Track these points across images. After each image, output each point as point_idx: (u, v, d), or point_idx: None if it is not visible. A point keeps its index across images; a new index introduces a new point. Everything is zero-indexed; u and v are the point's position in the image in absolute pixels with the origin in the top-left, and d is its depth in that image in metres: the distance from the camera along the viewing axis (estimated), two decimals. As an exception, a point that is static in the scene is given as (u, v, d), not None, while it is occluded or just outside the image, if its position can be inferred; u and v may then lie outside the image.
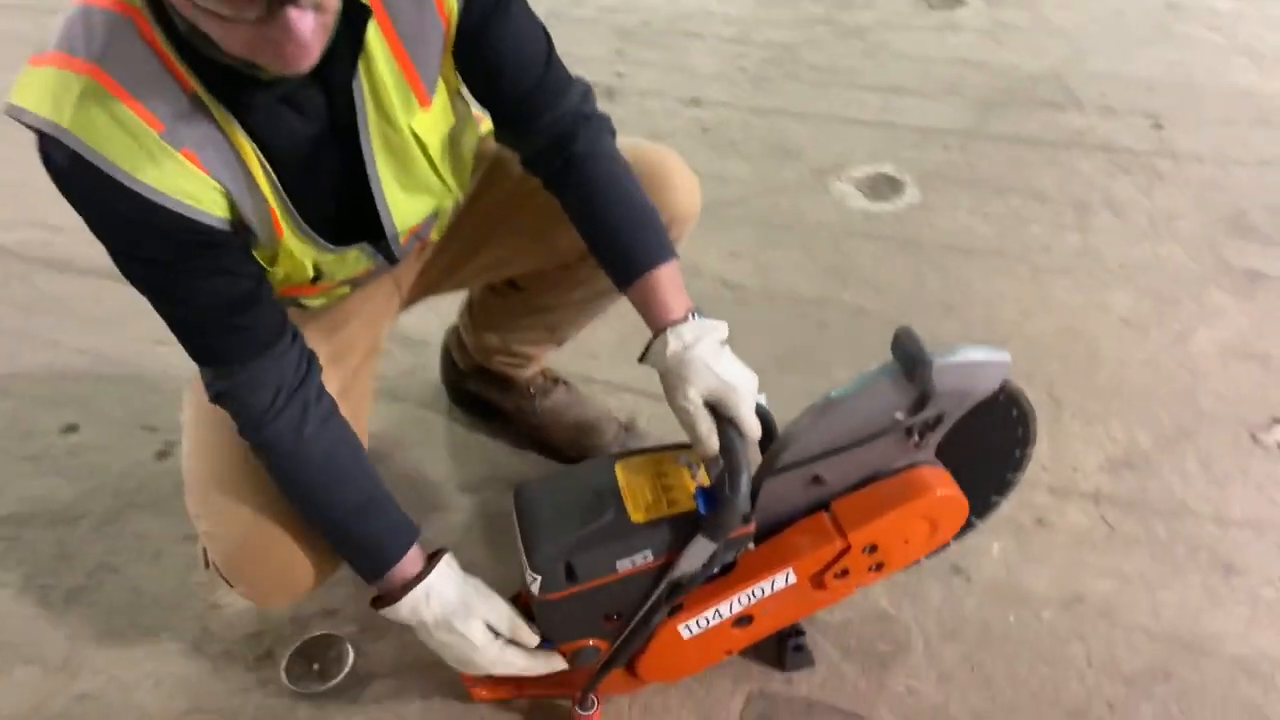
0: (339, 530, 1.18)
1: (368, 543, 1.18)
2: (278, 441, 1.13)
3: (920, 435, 1.23)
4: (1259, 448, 1.66)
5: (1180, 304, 1.93)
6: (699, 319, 1.20)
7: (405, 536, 1.19)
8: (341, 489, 1.17)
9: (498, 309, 1.59)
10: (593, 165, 1.20)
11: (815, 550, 1.23)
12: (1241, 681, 1.35)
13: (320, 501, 1.17)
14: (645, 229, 1.21)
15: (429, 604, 1.18)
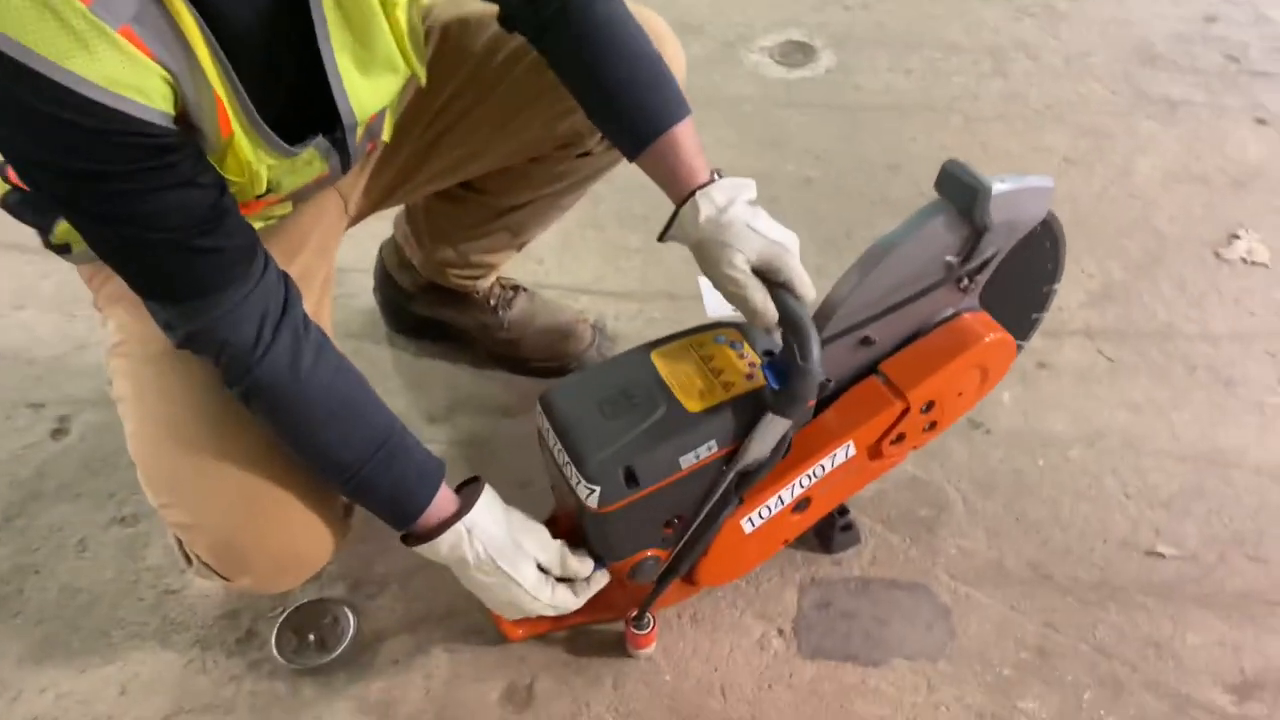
0: (358, 478, 0.99)
1: (393, 488, 1.01)
2: (274, 382, 0.93)
3: (970, 280, 1.14)
4: (1224, 263, 1.67)
5: (1115, 137, 1.92)
6: (725, 177, 1.06)
7: (433, 475, 1.03)
8: (354, 429, 0.98)
9: (452, 217, 1.40)
10: (592, 9, 1.03)
11: (875, 417, 1.13)
12: (1269, 487, 1.35)
13: (332, 448, 0.98)
14: (659, 81, 1.05)
15: (472, 542, 1.02)
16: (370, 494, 1.01)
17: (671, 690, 1.17)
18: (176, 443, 1.03)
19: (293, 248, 1.13)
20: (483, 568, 1.03)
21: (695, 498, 1.06)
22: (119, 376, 1.07)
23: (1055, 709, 1.14)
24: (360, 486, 1.00)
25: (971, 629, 1.22)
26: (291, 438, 0.97)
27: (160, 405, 1.04)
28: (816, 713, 1.14)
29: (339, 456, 0.98)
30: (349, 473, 0.99)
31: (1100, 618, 1.22)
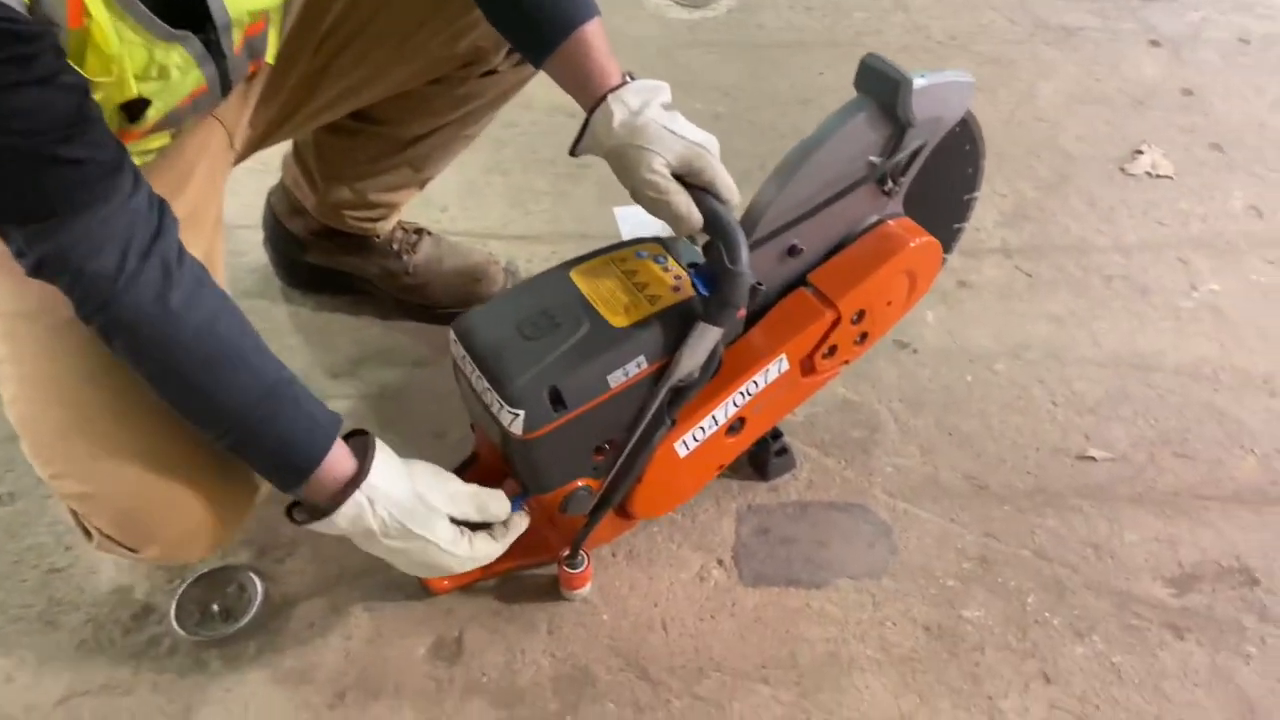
0: (239, 428, 0.89)
1: (280, 441, 0.90)
2: (137, 317, 0.82)
3: (893, 182, 1.11)
4: (1130, 178, 1.68)
5: (1016, 64, 1.93)
6: (638, 80, 1.00)
7: (326, 427, 0.92)
8: (234, 375, 0.88)
9: (346, 152, 1.30)
10: None
11: (807, 327, 1.08)
12: (1191, 386, 1.36)
13: (208, 395, 0.87)
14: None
15: (374, 510, 0.92)
16: (252, 444, 0.90)
17: (610, 629, 1.11)
18: (65, 405, 0.92)
19: (177, 183, 1.03)
20: (390, 534, 0.94)
21: (626, 420, 1.00)
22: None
23: (1000, 615, 1.12)
24: (242, 440, 0.89)
25: (912, 544, 1.19)
26: (160, 382, 0.87)
27: (43, 364, 0.93)
28: (762, 640, 1.10)
29: (216, 404, 0.87)
30: (227, 424, 0.88)
31: (1038, 524, 1.21)
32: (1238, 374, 1.37)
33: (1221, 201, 1.64)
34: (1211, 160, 1.71)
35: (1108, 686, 1.06)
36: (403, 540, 0.95)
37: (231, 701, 1.05)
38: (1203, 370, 1.38)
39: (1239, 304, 1.47)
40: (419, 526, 0.95)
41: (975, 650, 1.09)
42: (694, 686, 1.06)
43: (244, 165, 1.62)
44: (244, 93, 1.10)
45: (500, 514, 1.02)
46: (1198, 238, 1.57)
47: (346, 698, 1.05)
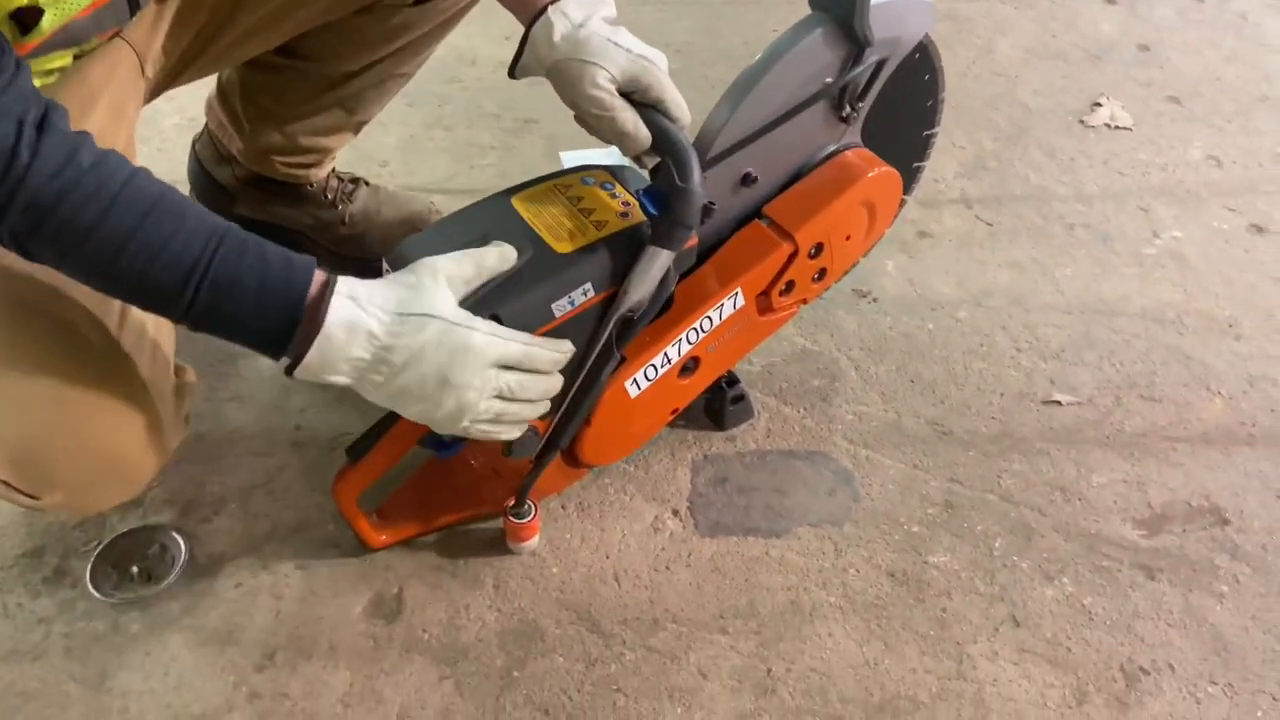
0: (207, 279, 0.74)
1: (260, 281, 0.76)
2: (57, 187, 0.71)
3: (851, 108, 1.06)
4: (1089, 130, 1.65)
5: (973, 20, 1.89)
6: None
7: (300, 260, 0.78)
8: (184, 217, 0.75)
9: (274, 92, 1.23)
10: None
11: (763, 260, 1.03)
12: (1155, 330, 1.33)
13: (161, 242, 0.73)
14: None
15: (365, 309, 0.77)
16: (228, 299, 0.75)
17: (560, 583, 1.05)
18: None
19: (78, 111, 0.94)
20: (394, 331, 0.78)
21: (574, 353, 0.94)
22: None
23: (967, 559, 1.07)
24: (214, 291, 0.74)
25: (875, 491, 1.14)
26: (99, 256, 0.74)
27: None
28: (719, 589, 1.04)
29: (174, 255, 0.73)
30: (194, 274, 0.73)
31: (1004, 468, 1.16)
32: (1202, 318, 1.34)
33: (1181, 152, 1.61)
34: (1170, 112, 1.69)
35: (1079, 629, 1.02)
36: (410, 333, 0.78)
37: (151, 665, 0.98)
38: (1166, 315, 1.35)
39: (1201, 250, 1.44)
40: (417, 305, 0.79)
41: (942, 595, 1.04)
42: (648, 639, 1.00)
43: (173, 120, 1.55)
44: (156, 15, 1.02)
45: (500, 261, 0.86)
46: (1158, 187, 1.55)
47: (276, 658, 0.98)
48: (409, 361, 0.79)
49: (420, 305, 0.79)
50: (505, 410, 0.86)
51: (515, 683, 0.97)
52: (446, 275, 0.82)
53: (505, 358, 0.83)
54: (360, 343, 0.78)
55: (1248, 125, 1.67)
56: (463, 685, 0.97)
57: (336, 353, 0.77)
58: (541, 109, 1.62)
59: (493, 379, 0.83)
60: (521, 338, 0.85)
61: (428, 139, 1.61)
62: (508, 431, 0.88)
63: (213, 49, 1.10)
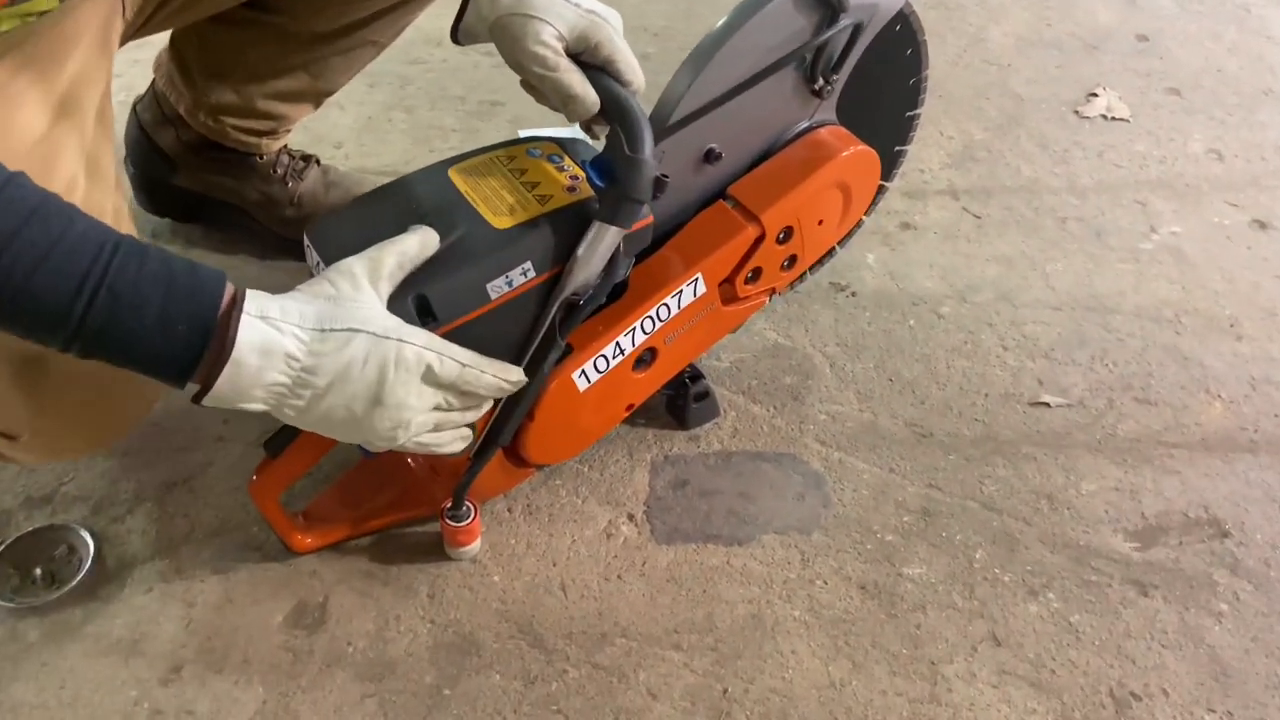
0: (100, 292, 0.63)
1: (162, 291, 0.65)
2: None
3: (824, 80, 0.98)
4: (1084, 120, 1.57)
5: (965, 8, 1.81)
6: None
7: (210, 273, 0.68)
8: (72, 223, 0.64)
9: (235, 46, 1.13)
10: None
11: (726, 243, 0.95)
12: (1152, 329, 1.25)
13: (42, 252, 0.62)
14: None
15: (279, 326, 0.68)
16: (126, 313, 0.64)
17: (501, 592, 0.96)
18: None
19: (57, 51, 0.85)
20: (315, 349, 0.69)
21: (513, 340, 0.85)
22: None
23: (944, 571, 0.99)
24: (110, 302, 0.63)
25: (847, 496, 1.05)
26: None
27: None
28: (675, 601, 0.96)
29: (61, 261, 0.62)
30: (87, 282, 0.63)
31: (987, 473, 1.08)
32: (1201, 317, 1.26)
33: (1181, 144, 1.53)
34: (1169, 104, 1.61)
35: (1064, 648, 0.93)
36: (334, 352, 0.70)
37: (46, 676, 0.89)
38: (1164, 313, 1.27)
39: (1201, 246, 1.36)
40: (340, 319, 0.70)
41: (916, 610, 0.96)
42: (594, 654, 0.92)
43: (119, 97, 1.46)
44: None
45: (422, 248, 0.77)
46: (1156, 180, 1.47)
47: (183, 672, 0.89)
48: (334, 383, 0.70)
49: (343, 318, 0.70)
50: (445, 419, 0.78)
51: (446, 701, 0.88)
52: (368, 277, 0.73)
53: (442, 376, 0.75)
54: (278, 366, 0.68)
55: (1250, 118, 1.59)
56: (388, 704, 0.88)
57: (250, 379, 0.68)
58: (507, 91, 1.54)
59: (430, 395, 0.75)
60: (462, 355, 0.77)
61: (387, 120, 1.52)
62: (450, 444, 0.80)
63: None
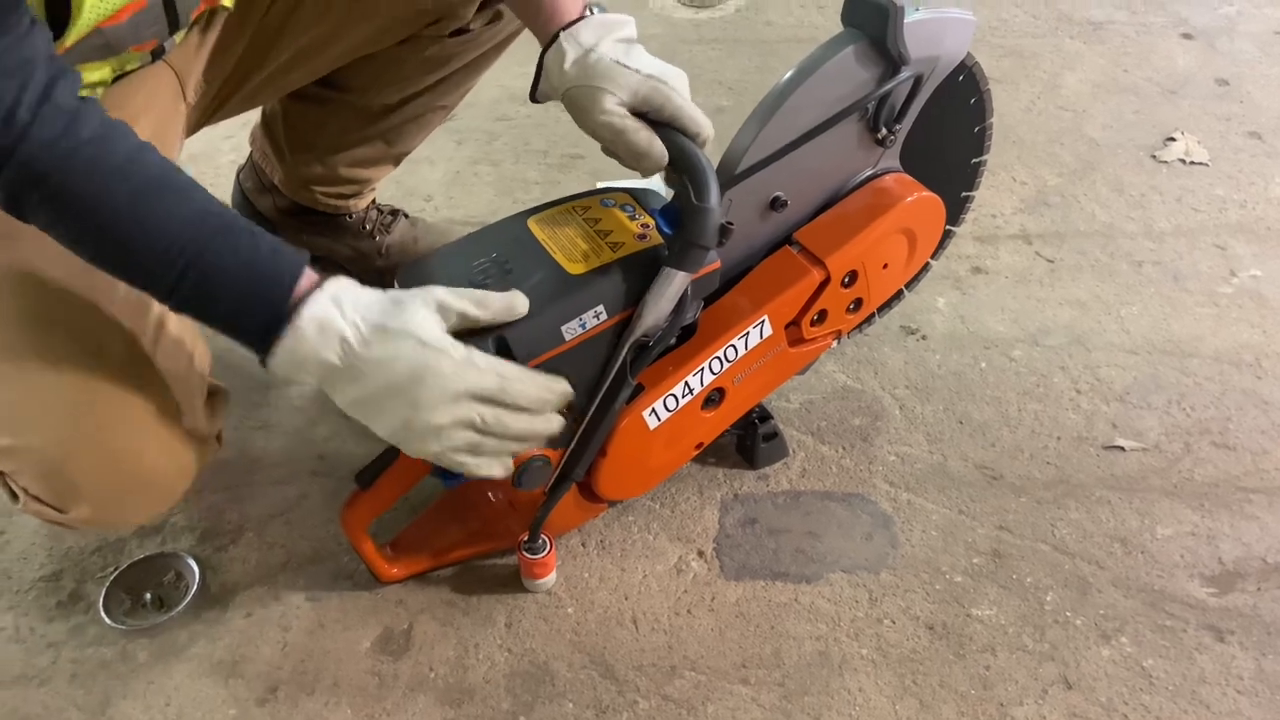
0: (196, 262, 0.74)
1: (248, 270, 0.75)
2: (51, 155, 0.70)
3: (887, 130, 1.01)
4: (1161, 165, 1.57)
5: (1039, 56, 1.83)
6: (598, 13, 0.92)
7: (292, 253, 0.77)
8: (180, 196, 0.75)
9: (315, 122, 1.23)
10: None
11: (791, 287, 0.99)
12: (1231, 373, 1.23)
13: (154, 221, 0.73)
14: None
15: (344, 313, 0.76)
16: (216, 285, 0.75)
17: (575, 624, 1.00)
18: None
19: (142, 107, 0.95)
20: (367, 341, 0.76)
21: (586, 380, 0.90)
22: None
23: (1015, 613, 0.99)
24: (202, 277, 0.74)
25: (916, 537, 1.07)
26: (90, 229, 0.73)
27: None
28: (743, 636, 0.98)
29: (164, 235, 0.73)
30: (182, 257, 0.73)
31: (1059, 516, 1.08)
32: (1283, 361, 1.25)
33: (1262, 188, 1.51)
34: (1250, 148, 1.59)
35: (1137, 693, 0.92)
36: (382, 346, 0.76)
37: (153, 695, 0.95)
38: (1243, 357, 1.25)
39: (1283, 290, 1.35)
40: (397, 320, 0.77)
41: (985, 652, 0.96)
42: (664, 686, 0.94)
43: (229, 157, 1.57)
44: (199, 42, 1.03)
45: (507, 311, 0.82)
46: (1237, 224, 1.45)
47: (279, 692, 0.95)
48: (374, 375, 0.77)
49: (400, 321, 0.77)
50: (481, 443, 0.82)
51: (520, 728, 0.92)
52: (439, 301, 0.79)
53: (478, 389, 0.79)
54: (332, 346, 0.76)
55: (1336, 161, 1.56)
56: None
57: (306, 352, 0.75)
58: (587, 145, 1.59)
59: (464, 410, 0.79)
60: (504, 369, 0.81)
61: (473, 174, 1.60)
62: (487, 466, 0.84)
63: (254, 79, 1.11)
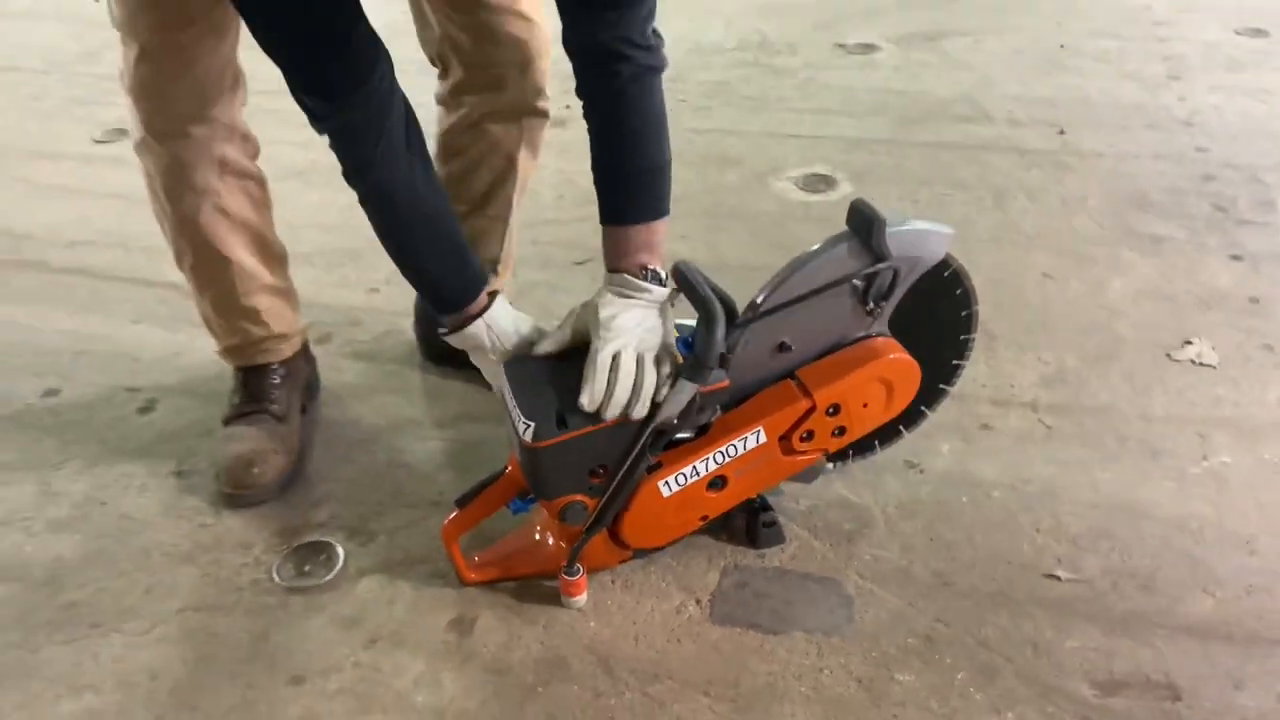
0: (436, 270, 1.35)
1: (455, 285, 1.35)
2: (387, 187, 1.28)
3: (875, 304, 1.36)
4: (1174, 363, 1.82)
5: (1095, 261, 2.12)
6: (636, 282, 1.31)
7: (479, 281, 1.36)
8: (443, 226, 1.34)
9: None
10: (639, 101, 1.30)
11: (783, 409, 1.34)
12: (1174, 535, 1.47)
13: (425, 242, 1.33)
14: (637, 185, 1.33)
15: (490, 333, 1.36)
16: (437, 286, 1.37)
17: (593, 634, 1.34)
18: None
19: None
20: (494, 351, 1.36)
21: (617, 450, 1.28)
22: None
23: (928, 683, 1.26)
24: (434, 278, 1.36)
25: (869, 617, 1.36)
26: (391, 231, 1.31)
27: None
28: (713, 664, 1.30)
29: (427, 253, 1.34)
30: (430, 267, 1.35)
31: (990, 619, 1.35)
32: (1224, 533, 1.47)
33: (1259, 393, 1.74)
34: (1260, 358, 1.82)
35: (1007, 754, 1.18)
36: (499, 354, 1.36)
37: (296, 633, 1.36)
38: (1190, 525, 1.48)
39: (1246, 477, 1.57)
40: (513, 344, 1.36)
41: (898, 705, 1.24)
42: (647, 686, 1.27)
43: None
44: None
45: None
46: (1224, 419, 1.68)
47: (378, 643, 1.34)
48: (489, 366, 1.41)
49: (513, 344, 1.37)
50: None
51: (537, 696, 1.27)
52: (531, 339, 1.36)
53: None
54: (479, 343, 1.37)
55: (1342, 377, 1.77)
56: (500, 689, 1.28)
57: (464, 343, 1.39)
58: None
59: None
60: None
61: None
62: None
63: None
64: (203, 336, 1.71)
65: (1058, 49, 3.15)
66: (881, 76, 3.03)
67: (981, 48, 3.18)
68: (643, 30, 1.25)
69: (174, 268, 1.63)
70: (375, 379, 1.84)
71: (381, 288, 2.05)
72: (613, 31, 1.23)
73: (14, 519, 1.57)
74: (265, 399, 1.62)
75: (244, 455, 1.55)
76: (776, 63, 3.15)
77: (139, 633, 1.37)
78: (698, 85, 3.00)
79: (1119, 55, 3.08)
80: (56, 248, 2.26)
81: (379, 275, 2.06)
